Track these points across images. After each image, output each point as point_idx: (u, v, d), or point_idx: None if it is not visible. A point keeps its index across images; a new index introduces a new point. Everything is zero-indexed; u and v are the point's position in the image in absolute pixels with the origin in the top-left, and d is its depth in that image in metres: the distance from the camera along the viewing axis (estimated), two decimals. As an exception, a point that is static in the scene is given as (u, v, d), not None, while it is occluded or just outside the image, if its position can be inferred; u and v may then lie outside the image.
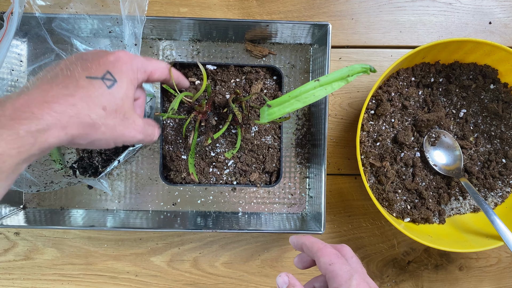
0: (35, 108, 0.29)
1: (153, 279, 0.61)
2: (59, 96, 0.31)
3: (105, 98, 0.34)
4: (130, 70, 0.37)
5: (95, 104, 0.33)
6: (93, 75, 0.34)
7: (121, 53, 0.37)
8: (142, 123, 0.39)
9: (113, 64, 0.36)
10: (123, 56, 0.37)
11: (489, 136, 0.60)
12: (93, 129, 0.33)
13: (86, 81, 0.33)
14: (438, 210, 0.59)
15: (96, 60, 0.35)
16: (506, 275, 0.63)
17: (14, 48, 0.57)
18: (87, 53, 0.37)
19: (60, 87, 0.32)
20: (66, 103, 0.31)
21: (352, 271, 0.34)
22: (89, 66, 0.34)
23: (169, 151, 0.56)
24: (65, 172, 0.59)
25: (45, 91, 0.31)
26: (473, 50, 0.55)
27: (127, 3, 0.49)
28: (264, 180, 0.57)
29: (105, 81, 0.34)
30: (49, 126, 0.30)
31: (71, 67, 0.34)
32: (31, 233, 0.61)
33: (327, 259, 0.35)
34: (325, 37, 0.54)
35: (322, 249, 0.36)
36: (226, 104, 0.54)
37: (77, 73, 0.33)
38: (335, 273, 0.34)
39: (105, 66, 0.35)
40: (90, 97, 0.33)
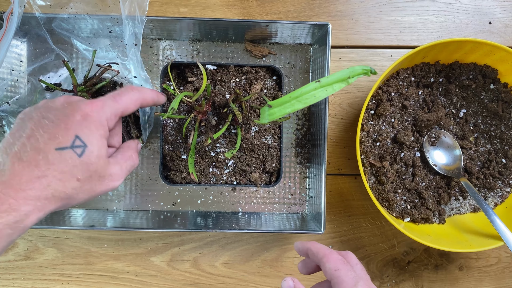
0: (12, 200, 0.30)
1: (153, 279, 0.61)
2: (33, 180, 0.31)
3: (77, 169, 0.33)
4: (99, 126, 0.35)
5: (68, 178, 0.33)
6: (62, 145, 0.33)
7: (86, 108, 0.35)
8: (119, 168, 0.38)
9: (81, 125, 0.34)
10: (90, 112, 0.35)
11: (489, 136, 0.60)
12: (71, 200, 0.34)
13: (56, 155, 0.32)
14: (438, 210, 0.59)
15: (62, 123, 0.33)
16: (506, 275, 0.63)
17: (14, 48, 0.57)
18: (52, 109, 0.35)
19: (31, 167, 0.31)
20: (41, 186, 0.31)
21: (357, 278, 0.34)
22: (56, 134, 0.33)
23: (169, 151, 0.56)
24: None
25: (18, 176, 0.31)
26: (473, 50, 0.55)
27: (127, 3, 0.49)
28: (264, 180, 0.57)
29: (75, 150, 0.33)
30: (27, 214, 0.31)
31: (38, 135, 0.33)
32: (31, 233, 0.61)
33: (333, 265, 0.35)
34: (325, 37, 0.54)
35: (328, 255, 0.37)
36: (226, 104, 0.54)
37: (45, 145, 0.32)
38: (341, 279, 0.34)
39: (72, 130, 0.33)
40: (62, 173, 0.32)
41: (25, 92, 0.57)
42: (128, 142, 0.43)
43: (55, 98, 0.37)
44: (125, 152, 0.41)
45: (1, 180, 0.30)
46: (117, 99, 0.38)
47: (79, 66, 0.59)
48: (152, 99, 0.43)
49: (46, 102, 0.37)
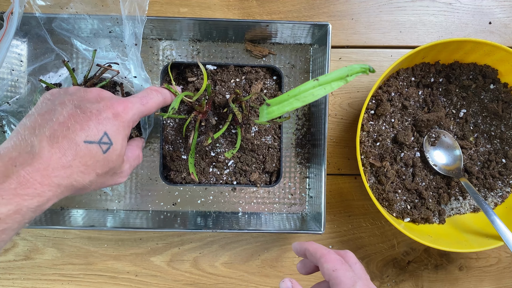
0: (38, 184, 0.31)
1: (153, 279, 0.61)
2: (59, 169, 0.32)
3: (99, 164, 0.35)
4: (126, 127, 0.37)
5: (90, 172, 0.34)
6: (91, 139, 0.34)
7: (119, 107, 0.37)
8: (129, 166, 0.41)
9: (111, 123, 0.36)
10: (121, 112, 0.37)
11: (489, 136, 0.60)
12: (84, 189, 0.35)
13: (83, 147, 0.33)
14: (438, 210, 0.59)
15: (94, 117, 0.35)
16: (506, 275, 0.63)
17: (14, 48, 0.57)
18: (85, 99, 0.36)
19: (59, 155, 0.32)
20: (64, 175, 0.32)
21: (355, 278, 0.34)
22: (87, 126, 0.34)
23: (169, 151, 0.56)
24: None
25: (46, 162, 0.31)
26: (473, 50, 0.55)
27: (127, 3, 0.49)
28: (264, 180, 0.57)
29: (102, 146, 0.35)
30: (48, 200, 0.32)
31: (70, 124, 0.33)
32: (31, 233, 0.61)
33: (330, 265, 0.35)
34: (325, 37, 0.54)
35: (326, 255, 0.36)
36: (226, 104, 0.54)
37: (75, 135, 0.33)
38: (339, 279, 0.34)
39: (103, 126, 0.35)
40: (86, 165, 0.34)
41: (25, 92, 0.57)
42: (135, 140, 0.45)
43: (88, 89, 0.38)
44: (134, 151, 0.43)
45: (29, 163, 0.31)
46: (144, 103, 0.40)
47: (79, 66, 0.59)
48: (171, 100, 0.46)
49: (78, 90, 0.38)
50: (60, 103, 0.35)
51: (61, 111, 0.34)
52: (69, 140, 0.33)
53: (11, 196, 0.29)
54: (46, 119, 0.34)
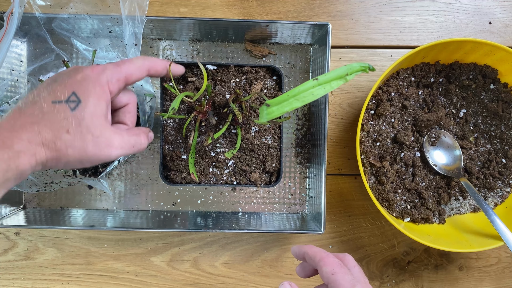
0: (6, 138, 0.32)
1: (153, 279, 0.61)
2: (26, 125, 0.33)
3: (68, 121, 0.35)
4: (98, 87, 0.37)
5: (58, 129, 0.34)
6: (58, 99, 0.35)
7: (88, 70, 0.37)
8: (120, 138, 0.38)
9: (79, 84, 0.36)
10: (90, 73, 0.37)
11: (489, 136, 0.60)
12: (61, 153, 0.35)
13: (50, 107, 0.35)
14: (438, 210, 0.59)
15: (63, 82, 0.36)
16: (506, 275, 0.63)
17: (14, 48, 0.57)
18: (60, 73, 0.38)
19: (27, 115, 0.34)
20: (32, 131, 0.33)
21: (354, 281, 0.34)
22: (55, 90, 0.35)
23: (169, 151, 0.56)
24: (65, 172, 0.59)
25: (14, 120, 0.33)
26: (473, 50, 0.55)
27: (127, 3, 0.49)
28: (264, 180, 0.57)
29: (69, 104, 0.35)
30: (19, 153, 0.32)
31: (40, 93, 0.35)
32: (31, 233, 0.61)
33: (329, 269, 0.35)
34: (325, 37, 0.54)
35: (325, 258, 0.36)
36: (226, 104, 0.54)
37: (43, 99, 0.35)
38: (338, 282, 0.34)
39: (70, 87, 0.36)
40: (53, 122, 0.34)
41: (25, 92, 0.57)
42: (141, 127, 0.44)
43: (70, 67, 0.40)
44: (133, 130, 0.42)
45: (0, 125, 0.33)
46: (119, 64, 0.39)
47: (79, 66, 0.59)
48: (164, 67, 0.43)
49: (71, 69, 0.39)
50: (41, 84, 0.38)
51: (37, 87, 0.37)
52: (37, 102, 0.35)
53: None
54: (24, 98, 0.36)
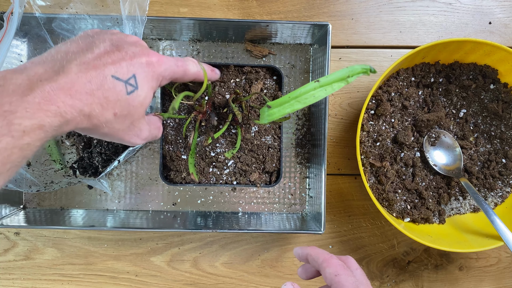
0: (61, 102, 0.30)
1: (153, 279, 0.61)
2: (81, 93, 0.31)
3: (119, 104, 0.34)
4: (155, 79, 0.37)
5: (108, 108, 0.34)
6: (119, 75, 0.34)
7: (153, 56, 0.37)
8: (147, 130, 0.40)
9: (142, 68, 0.36)
10: (155, 62, 0.37)
11: (489, 136, 0.60)
12: (98, 128, 0.34)
13: (109, 81, 0.33)
14: (438, 210, 0.59)
15: (128, 58, 0.35)
16: (506, 275, 0.63)
17: (14, 48, 0.57)
18: (124, 40, 0.36)
19: (85, 80, 0.32)
20: (86, 102, 0.32)
21: (357, 283, 0.34)
22: (119, 64, 0.34)
23: (169, 151, 0.56)
24: (65, 172, 0.59)
25: (71, 83, 0.31)
26: (473, 50, 0.55)
27: (128, 3, 0.49)
28: (264, 180, 0.57)
29: (127, 86, 0.34)
30: (67, 122, 0.31)
31: (104, 57, 0.34)
32: (31, 233, 0.61)
33: (333, 270, 0.35)
34: (325, 37, 0.54)
35: (328, 259, 0.37)
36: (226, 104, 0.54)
37: (105, 68, 0.33)
38: (341, 284, 0.34)
39: (134, 68, 0.35)
40: (106, 100, 0.33)
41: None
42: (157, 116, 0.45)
43: (129, 34, 0.39)
44: (157, 121, 0.43)
45: (55, 80, 0.30)
46: (179, 64, 0.40)
47: (79, 66, 0.59)
48: (209, 75, 0.45)
49: (119, 32, 0.39)
50: (100, 39, 0.36)
51: (98, 44, 0.35)
52: (98, 70, 0.33)
53: (35, 110, 0.29)
54: (81, 48, 0.34)
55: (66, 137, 0.59)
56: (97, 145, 0.56)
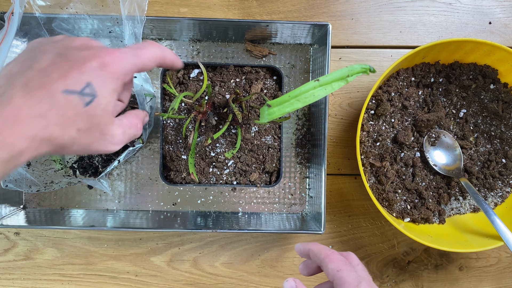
0: (7, 134, 0.28)
1: (153, 279, 0.61)
2: (32, 117, 0.29)
3: (79, 118, 0.31)
4: (115, 79, 0.33)
5: (68, 126, 0.31)
6: (71, 88, 0.30)
7: (107, 57, 0.33)
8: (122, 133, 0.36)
9: (97, 73, 0.32)
10: (110, 62, 0.33)
11: (489, 136, 0.60)
12: (64, 148, 0.32)
13: (62, 97, 0.30)
14: (438, 210, 0.59)
15: (78, 65, 0.31)
16: (506, 275, 0.63)
17: (14, 48, 0.57)
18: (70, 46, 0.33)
19: (34, 102, 0.29)
20: (39, 125, 0.29)
21: (359, 278, 0.34)
22: (68, 74, 0.30)
23: (169, 151, 0.56)
24: (65, 172, 0.59)
25: (17, 109, 0.28)
26: (473, 50, 0.55)
27: (127, 3, 0.49)
28: (264, 180, 0.57)
29: (84, 97, 0.31)
30: (20, 153, 0.29)
31: (50, 71, 0.30)
32: (31, 233, 0.61)
33: (335, 266, 0.35)
34: (325, 37, 0.54)
35: (330, 255, 0.36)
36: (226, 104, 0.54)
37: (54, 82, 0.30)
38: (343, 279, 0.34)
39: (86, 76, 0.31)
40: (63, 117, 0.30)
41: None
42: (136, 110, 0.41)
43: (75, 37, 0.35)
44: (131, 118, 0.38)
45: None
46: (138, 53, 0.35)
47: (79, 66, 0.59)
48: (172, 60, 0.40)
49: (64, 38, 0.35)
50: (42, 51, 0.32)
51: (41, 57, 0.31)
52: (46, 88, 0.29)
53: None
54: (24, 66, 0.31)
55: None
56: (97, 145, 0.56)
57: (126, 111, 0.40)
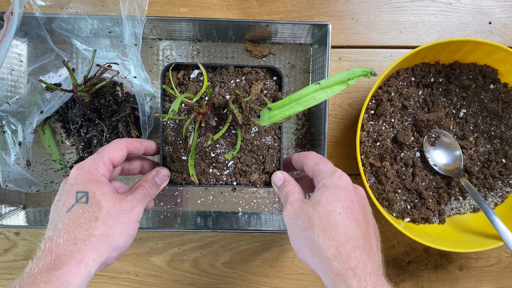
0: (78, 256, 0.34)
1: (153, 279, 0.61)
2: (83, 241, 0.35)
3: (91, 212, 0.36)
4: (91, 174, 0.38)
5: (88, 223, 0.36)
6: (69, 205, 0.37)
7: (73, 170, 0.39)
8: (138, 213, 0.41)
9: (74, 183, 0.38)
10: (76, 171, 0.38)
11: (489, 136, 0.60)
12: (110, 240, 0.37)
13: (68, 216, 0.36)
14: (438, 210, 0.59)
15: (64, 193, 0.38)
16: (506, 275, 0.63)
17: (14, 48, 0.57)
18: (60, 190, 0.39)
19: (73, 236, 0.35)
20: (91, 245, 0.35)
21: (335, 168, 0.40)
22: (63, 203, 0.37)
23: (169, 152, 0.56)
24: (65, 172, 0.59)
25: (72, 241, 0.35)
26: (473, 50, 0.55)
27: (127, 3, 0.49)
28: (264, 180, 0.57)
29: (81, 201, 0.36)
30: (94, 265, 0.35)
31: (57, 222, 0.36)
32: (31, 233, 0.61)
33: (313, 161, 0.41)
34: (325, 37, 0.54)
35: (308, 155, 0.43)
36: (226, 105, 0.54)
37: (58, 215, 0.37)
38: (321, 170, 0.40)
39: (72, 191, 0.38)
40: (82, 225, 0.36)
41: (25, 92, 0.57)
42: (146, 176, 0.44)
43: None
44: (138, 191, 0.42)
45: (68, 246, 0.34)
46: (99, 151, 0.41)
47: (79, 66, 0.59)
48: (140, 145, 0.46)
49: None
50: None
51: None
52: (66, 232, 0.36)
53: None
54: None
55: (66, 137, 0.59)
56: (97, 145, 0.56)
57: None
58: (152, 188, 0.43)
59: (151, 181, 0.44)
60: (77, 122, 0.56)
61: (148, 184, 0.43)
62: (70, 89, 0.52)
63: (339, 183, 0.37)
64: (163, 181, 0.45)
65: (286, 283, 0.62)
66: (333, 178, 0.38)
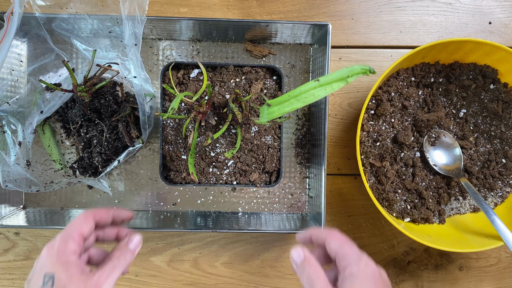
0: None
1: (153, 279, 0.61)
2: None
3: None
4: (57, 255, 0.38)
5: None
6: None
7: (43, 251, 0.39)
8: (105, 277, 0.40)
9: (43, 265, 0.38)
10: (44, 254, 0.39)
11: (489, 136, 0.60)
12: None
13: None
14: (438, 210, 0.59)
15: (34, 275, 0.38)
16: (506, 275, 0.63)
17: (14, 48, 0.57)
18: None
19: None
20: None
21: (360, 253, 0.38)
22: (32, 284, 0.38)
23: (169, 151, 0.56)
24: (65, 172, 0.59)
25: None
26: (473, 50, 0.55)
27: (127, 3, 0.49)
28: (264, 180, 0.57)
29: (47, 285, 0.37)
30: None
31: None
32: (31, 233, 0.61)
33: (337, 242, 0.39)
34: (325, 37, 0.54)
35: (331, 234, 0.41)
36: (226, 104, 0.54)
37: None
38: (346, 254, 0.38)
39: (40, 273, 0.38)
40: None
41: (25, 92, 0.57)
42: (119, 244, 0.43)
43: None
44: (108, 264, 0.41)
45: None
46: (67, 227, 0.41)
47: (79, 66, 0.59)
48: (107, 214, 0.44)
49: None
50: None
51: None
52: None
53: None
54: None
55: (66, 137, 0.59)
56: (97, 145, 0.56)
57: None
58: (126, 255, 0.43)
59: (124, 248, 0.44)
60: (77, 122, 0.56)
61: (120, 253, 0.43)
62: (70, 89, 0.52)
63: (367, 272, 0.37)
64: (136, 246, 0.45)
65: (286, 283, 0.62)
66: (361, 266, 0.37)
